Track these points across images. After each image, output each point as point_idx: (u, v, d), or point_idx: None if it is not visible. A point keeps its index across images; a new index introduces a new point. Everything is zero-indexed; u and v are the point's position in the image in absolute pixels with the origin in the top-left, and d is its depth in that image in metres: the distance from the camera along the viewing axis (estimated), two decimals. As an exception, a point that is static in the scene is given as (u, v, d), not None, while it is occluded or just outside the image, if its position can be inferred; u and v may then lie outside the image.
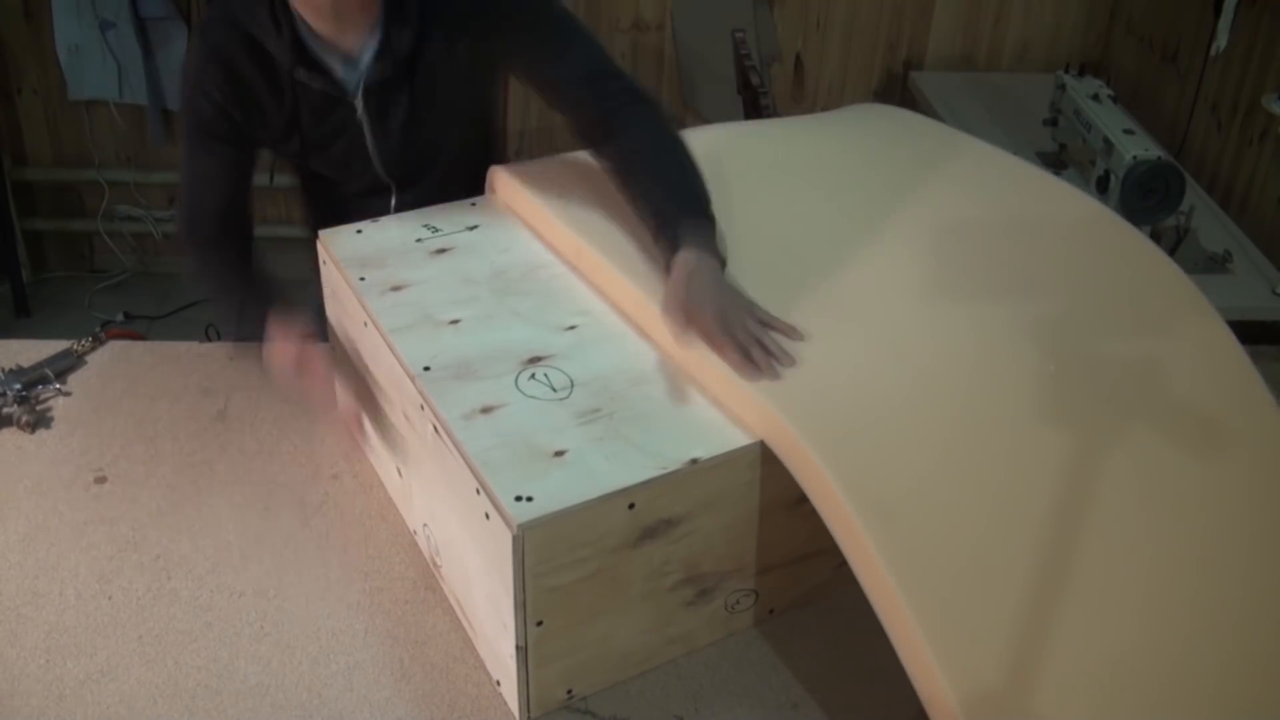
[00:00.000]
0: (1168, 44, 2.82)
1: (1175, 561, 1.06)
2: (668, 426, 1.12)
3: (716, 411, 1.15)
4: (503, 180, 1.52)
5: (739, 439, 1.11)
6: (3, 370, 1.52)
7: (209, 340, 1.71)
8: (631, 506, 1.05)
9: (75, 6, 3.03)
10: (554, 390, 1.17)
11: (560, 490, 1.04)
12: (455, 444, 1.10)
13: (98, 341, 1.62)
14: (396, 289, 1.33)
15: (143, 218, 3.36)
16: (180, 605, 1.24)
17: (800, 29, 3.15)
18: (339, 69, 1.42)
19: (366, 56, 1.42)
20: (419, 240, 1.43)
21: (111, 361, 1.60)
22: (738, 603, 1.20)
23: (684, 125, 1.68)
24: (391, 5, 1.40)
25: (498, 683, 1.15)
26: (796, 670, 1.19)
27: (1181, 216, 2.13)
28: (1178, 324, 1.28)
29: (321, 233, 1.45)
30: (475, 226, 1.47)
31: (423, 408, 1.17)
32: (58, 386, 1.53)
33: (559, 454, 1.08)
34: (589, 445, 1.10)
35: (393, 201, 1.58)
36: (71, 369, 1.57)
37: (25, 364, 1.54)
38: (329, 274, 1.42)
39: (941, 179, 1.52)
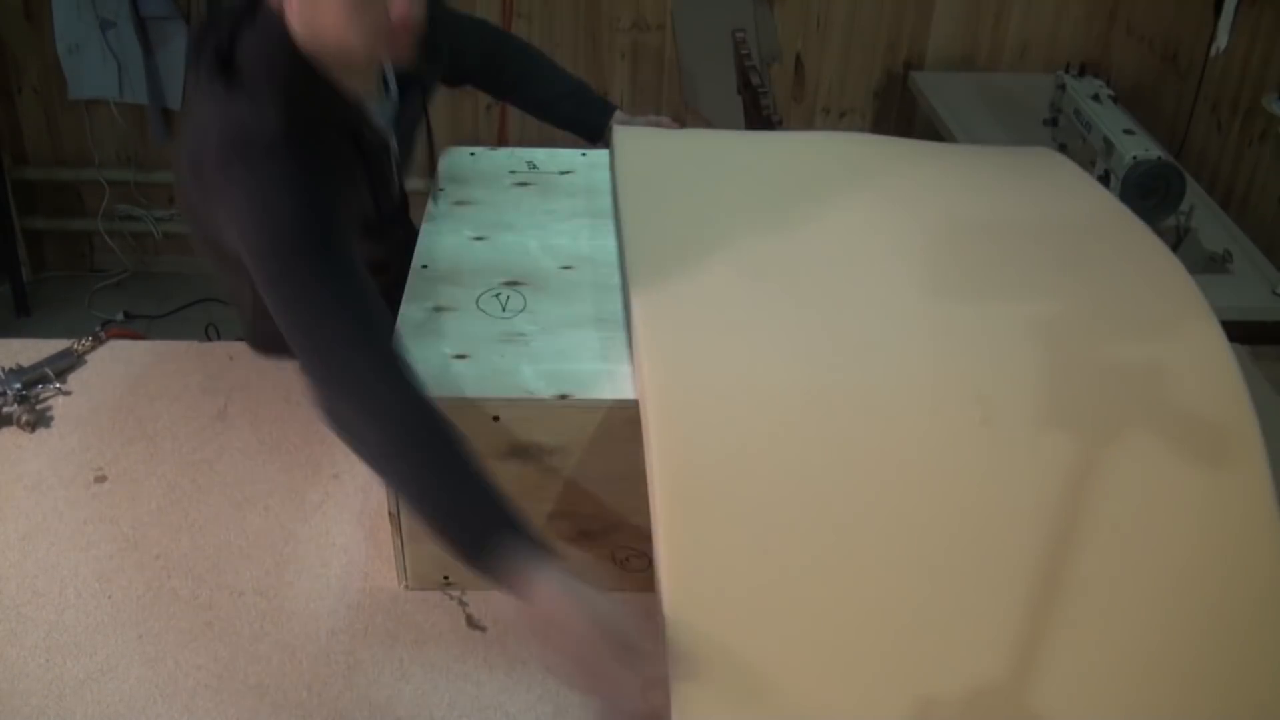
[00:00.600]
0: (1168, 44, 2.82)
1: (1134, 573, 1.05)
2: (570, 366, 1.19)
3: (625, 367, 1.19)
4: (617, 137, 1.59)
5: (619, 393, 1.15)
6: (2, 369, 1.52)
7: (209, 339, 1.71)
8: (496, 419, 1.14)
9: (75, 5, 3.03)
10: (503, 310, 1.28)
11: (435, 382, 1.13)
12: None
13: (98, 341, 1.62)
14: (461, 204, 1.51)
15: (143, 217, 3.36)
16: (180, 604, 1.24)
17: (800, 29, 3.14)
18: (373, 118, 1.34)
19: (388, 93, 1.38)
20: (512, 171, 1.59)
21: (111, 361, 1.60)
22: (628, 560, 1.25)
23: (684, 125, 1.69)
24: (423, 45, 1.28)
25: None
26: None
27: (1181, 216, 2.13)
28: (1165, 328, 1.27)
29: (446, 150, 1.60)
30: (568, 172, 1.59)
31: None
32: (58, 386, 1.53)
33: (460, 357, 1.19)
34: (489, 359, 1.19)
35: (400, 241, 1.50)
36: (71, 368, 1.57)
37: (25, 363, 1.54)
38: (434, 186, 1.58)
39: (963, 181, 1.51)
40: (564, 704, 1.14)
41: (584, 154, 1.65)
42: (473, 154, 1.63)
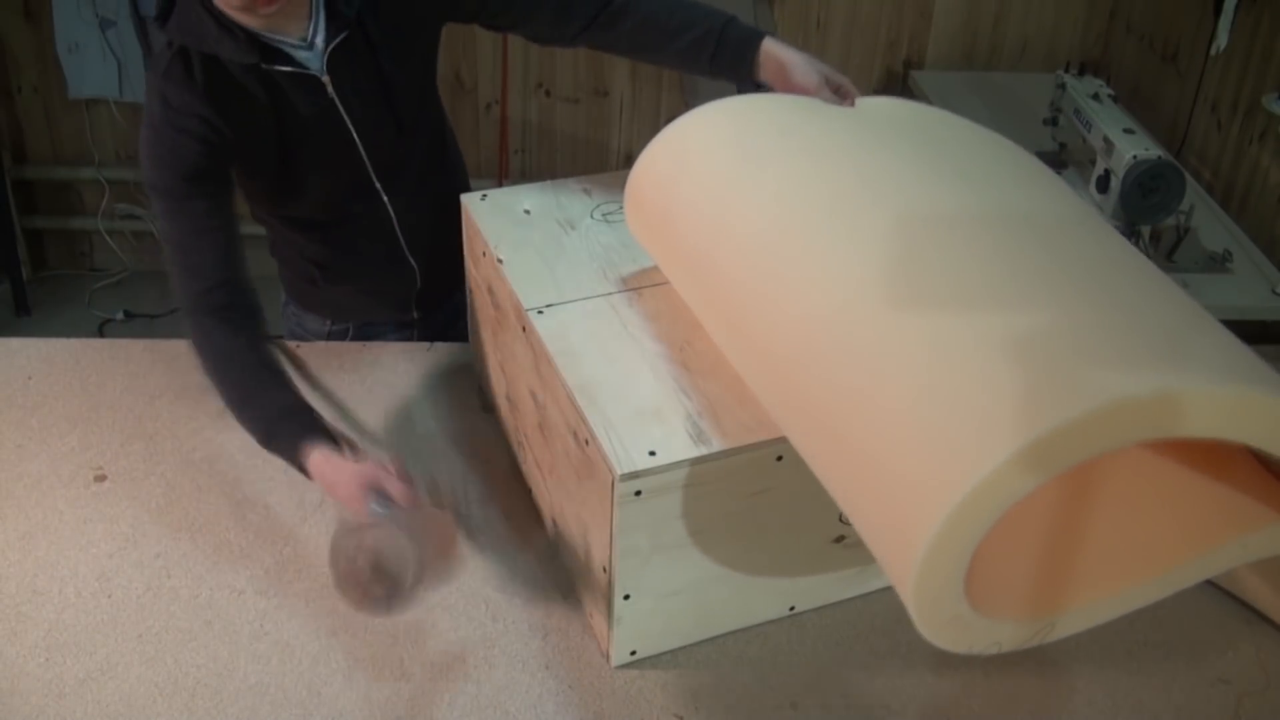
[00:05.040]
0: (1168, 44, 2.82)
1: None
2: None
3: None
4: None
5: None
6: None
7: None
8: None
9: (75, 5, 3.03)
10: None
11: None
12: None
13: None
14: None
15: (143, 216, 3.36)
16: (180, 603, 1.24)
17: (800, 28, 3.14)
18: (298, 54, 1.42)
19: (320, 34, 1.42)
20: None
21: (111, 360, 1.60)
22: None
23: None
24: None
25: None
26: (795, 670, 1.19)
27: (1181, 216, 2.13)
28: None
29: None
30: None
31: None
32: None
33: None
34: None
35: (388, 207, 1.57)
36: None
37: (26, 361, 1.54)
38: None
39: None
40: (564, 703, 1.14)
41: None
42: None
